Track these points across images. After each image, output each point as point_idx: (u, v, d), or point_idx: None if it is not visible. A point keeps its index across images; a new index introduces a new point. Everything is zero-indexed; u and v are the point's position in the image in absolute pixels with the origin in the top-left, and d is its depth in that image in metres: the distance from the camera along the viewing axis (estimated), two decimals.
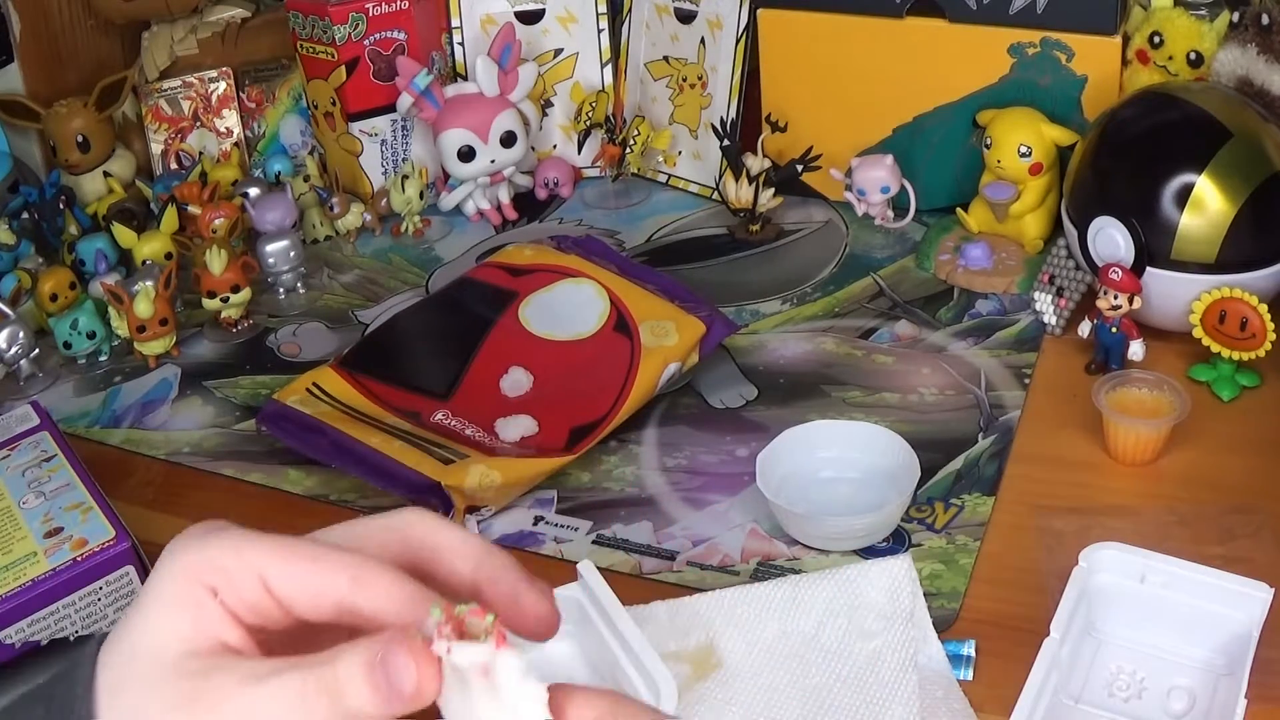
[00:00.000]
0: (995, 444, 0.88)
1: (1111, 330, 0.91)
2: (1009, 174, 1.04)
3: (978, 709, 0.68)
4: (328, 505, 0.89)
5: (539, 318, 0.99)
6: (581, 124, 1.25)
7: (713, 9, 1.18)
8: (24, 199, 1.17)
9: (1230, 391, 0.89)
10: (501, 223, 1.22)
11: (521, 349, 0.96)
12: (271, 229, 1.13)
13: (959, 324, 1.00)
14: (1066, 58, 1.04)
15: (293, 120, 1.30)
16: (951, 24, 1.07)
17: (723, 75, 1.18)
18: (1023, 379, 0.93)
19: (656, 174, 1.25)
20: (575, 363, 0.95)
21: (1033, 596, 0.74)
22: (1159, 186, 0.89)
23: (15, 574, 0.73)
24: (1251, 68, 0.96)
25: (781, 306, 1.05)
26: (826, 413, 0.91)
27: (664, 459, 0.89)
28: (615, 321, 0.97)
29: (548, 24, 1.25)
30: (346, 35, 1.18)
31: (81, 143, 1.20)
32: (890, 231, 1.12)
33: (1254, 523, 0.78)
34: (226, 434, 0.97)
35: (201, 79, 1.26)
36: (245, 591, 0.40)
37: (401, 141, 1.23)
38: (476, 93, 1.18)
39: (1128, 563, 0.70)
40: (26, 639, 0.72)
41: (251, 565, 0.40)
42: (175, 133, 1.27)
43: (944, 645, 0.71)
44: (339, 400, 0.93)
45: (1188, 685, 0.68)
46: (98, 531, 0.76)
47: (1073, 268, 0.97)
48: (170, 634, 0.40)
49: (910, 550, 0.79)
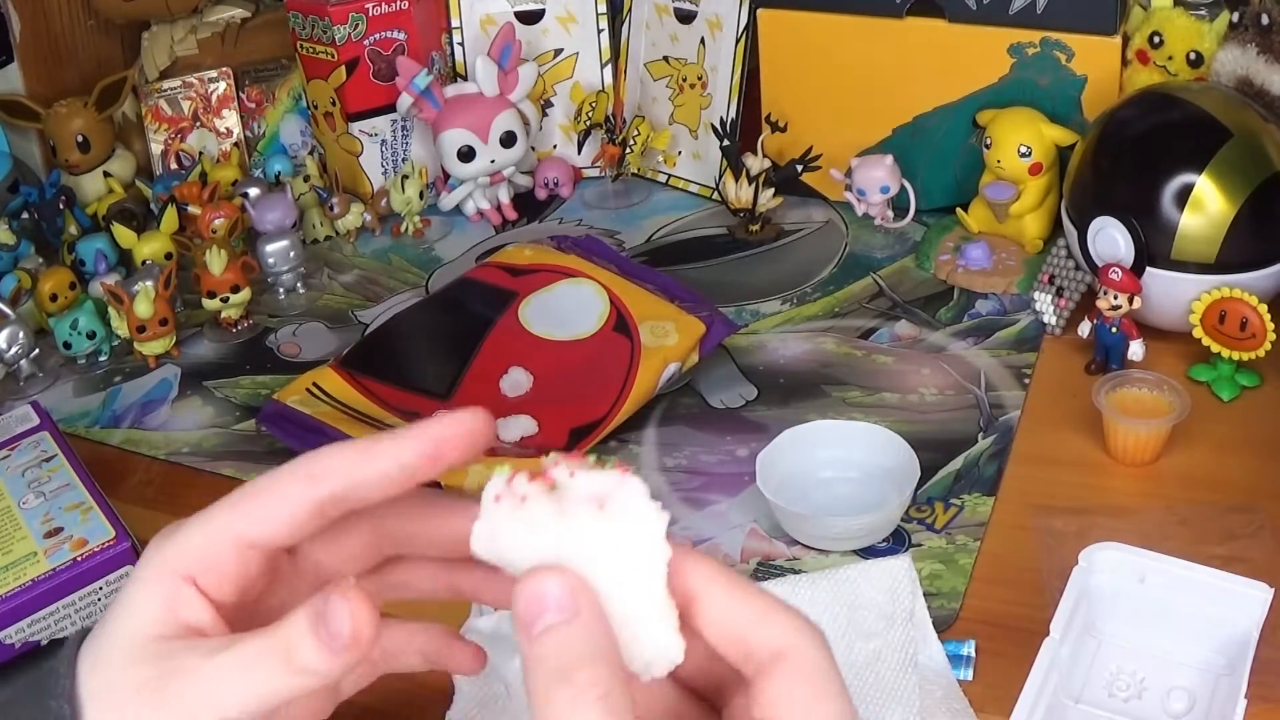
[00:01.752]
0: (995, 444, 0.88)
1: (1111, 330, 0.91)
2: (1009, 174, 1.04)
3: (978, 709, 0.68)
4: None
5: (539, 318, 0.99)
6: (581, 124, 1.25)
7: (713, 9, 1.18)
8: (24, 199, 1.18)
9: (1230, 391, 0.89)
10: (501, 223, 1.22)
11: (521, 349, 0.96)
12: (271, 229, 1.13)
13: (959, 324, 1.00)
14: (1066, 58, 1.04)
15: (293, 120, 1.30)
16: (951, 24, 1.07)
17: (723, 75, 1.18)
18: (1023, 379, 0.93)
19: (656, 174, 1.25)
20: (575, 363, 0.95)
21: (1033, 596, 0.74)
22: (1159, 186, 0.89)
23: (15, 574, 0.73)
24: (1251, 68, 0.96)
25: (781, 306, 1.05)
26: (826, 413, 0.91)
27: (664, 459, 0.89)
28: (615, 321, 0.97)
29: (548, 24, 1.25)
30: (346, 35, 1.18)
31: (81, 143, 1.20)
32: (890, 231, 1.12)
33: (1254, 523, 0.78)
34: (226, 434, 0.97)
35: (201, 79, 1.26)
36: (224, 562, 0.42)
37: (401, 141, 1.23)
38: (476, 93, 1.18)
39: (1128, 563, 0.70)
40: (26, 639, 0.72)
41: (222, 531, 0.43)
42: (175, 133, 1.27)
43: (944, 645, 0.71)
44: (339, 400, 0.93)
45: (1188, 685, 0.68)
46: (98, 531, 0.76)
47: (1073, 268, 0.97)
48: (145, 620, 0.42)
49: (910, 550, 0.79)
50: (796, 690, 0.36)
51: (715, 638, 0.37)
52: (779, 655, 0.36)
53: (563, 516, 0.36)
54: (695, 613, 0.37)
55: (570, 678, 0.34)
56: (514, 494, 0.37)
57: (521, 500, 0.37)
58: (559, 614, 0.35)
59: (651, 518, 0.36)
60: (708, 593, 0.37)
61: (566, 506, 0.36)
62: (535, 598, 0.35)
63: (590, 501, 0.36)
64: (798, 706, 0.36)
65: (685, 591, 0.37)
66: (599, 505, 0.36)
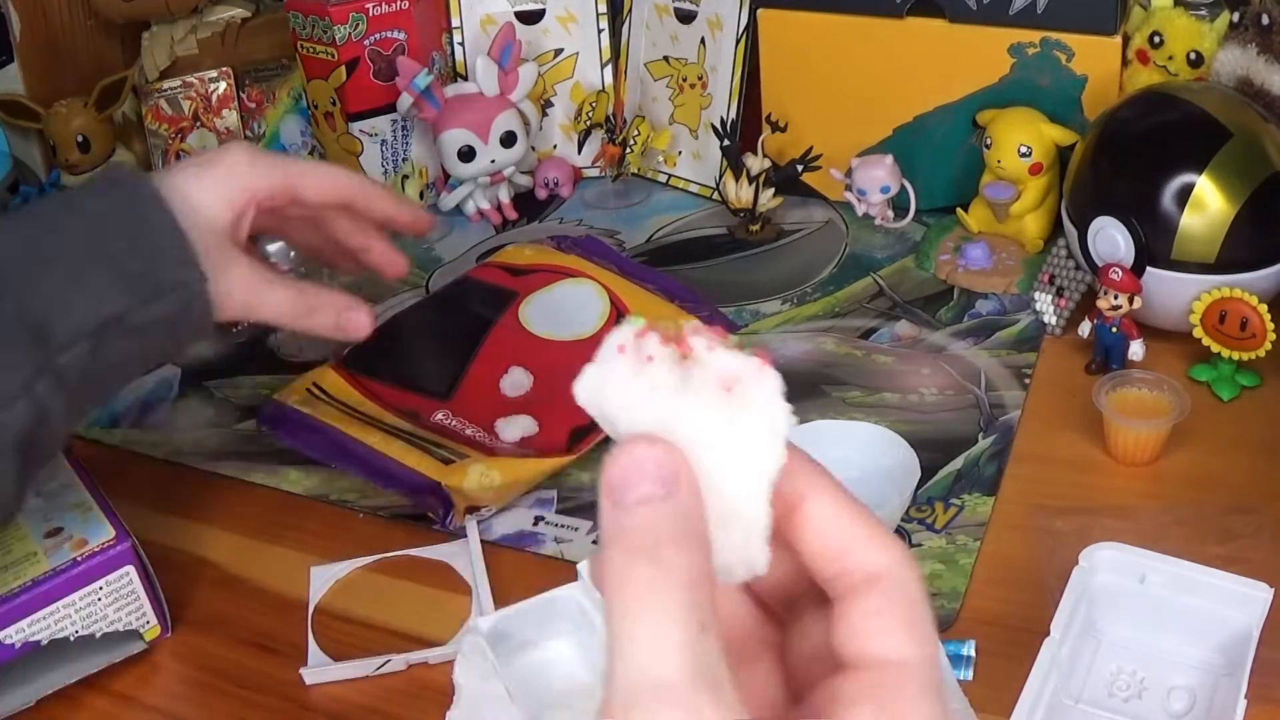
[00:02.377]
0: (995, 444, 0.88)
1: (1111, 330, 0.91)
2: (1009, 174, 1.04)
3: (978, 709, 0.68)
4: (328, 505, 0.89)
5: (539, 318, 0.99)
6: (581, 124, 1.25)
7: (713, 9, 1.18)
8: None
9: (1230, 391, 0.89)
10: (501, 223, 1.22)
11: (522, 349, 0.96)
12: None
13: (959, 324, 1.00)
14: (1066, 58, 1.04)
15: (293, 120, 1.30)
16: (951, 24, 1.07)
17: (723, 75, 1.18)
18: (1023, 379, 0.93)
19: (656, 174, 1.25)
20: (576, 363, 0.94)
21: (1033, 596, 0.74)
22: (1159, 186, 0.89)
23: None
24: (1251, 68, 0.96)
25: (781, 306, 1.05)
26: (826, 413, 0.91)
27: None
28: (615, 321, 0.97)
29: (548, 24, 1.25)
30: (346, 35, 1.18)
31: (81, 143, 1.20)
32: (890, 231, 1.12)
33: (1254, 523, 0.78)
34: (226, 434, 0.97)
35: (201, 79, 1.26)
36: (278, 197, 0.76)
37: (401, 141, 1.23)
38: (476, 93, 1.18)
39: (1128, 563, 0.70)
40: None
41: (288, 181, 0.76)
42: (175, 133, 1.27)
43: (944, 645, 0.71)
44: (339, 400, 0.93)
45: (1188, 685, 0.68)
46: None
47: (1073, 268, 0.97)
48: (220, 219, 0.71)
49: (910, 550, 0.79)
50: (889, 616, 0.34)
51: (812, 551, 0.35)
52: (875, 579, 0.34)
53: (685, 390, 0.33)
54: (796, 521, 0.35)
55: (657, 555, 0.31)
56: (640, 350, 0.34)
57: (647, 360, 0.34)
58: (658, 487, 0.32)
59: (780, 416, 0.33)
60: (816, 502, 0.35)
61: (693, 380, 0.33)
62: (635, 464, 0.32)
63: (719, 382, 0.33)
64: (887, 633, 0.33)
65: (791, 495, 0.35)
66: (727, 388, 0.33)
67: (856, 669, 0.33)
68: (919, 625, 0.34)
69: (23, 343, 0.64)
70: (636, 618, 0.31)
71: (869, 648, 0.33)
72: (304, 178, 0.77)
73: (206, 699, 0.75)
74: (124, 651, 0.76)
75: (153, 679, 0.76)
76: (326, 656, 0.76)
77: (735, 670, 0.33)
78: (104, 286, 0.65)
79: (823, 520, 0.35)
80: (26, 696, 0.74)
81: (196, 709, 0.75)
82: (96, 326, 0.65)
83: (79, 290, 0.65)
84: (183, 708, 0.75)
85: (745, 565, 0.34)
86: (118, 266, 0.66)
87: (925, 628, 0.34)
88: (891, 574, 0.34)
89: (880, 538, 0.35)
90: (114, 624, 0.75)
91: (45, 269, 0.65)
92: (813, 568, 0.35)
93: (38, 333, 0.64)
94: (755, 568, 0.34)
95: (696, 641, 0.30)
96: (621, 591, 0.31)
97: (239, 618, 0.80)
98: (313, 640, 0.77)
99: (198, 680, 0.76)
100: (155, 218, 0.67)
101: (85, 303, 0.65)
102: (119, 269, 0.66)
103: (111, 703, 0.75)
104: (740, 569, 0.34)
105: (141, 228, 0.66)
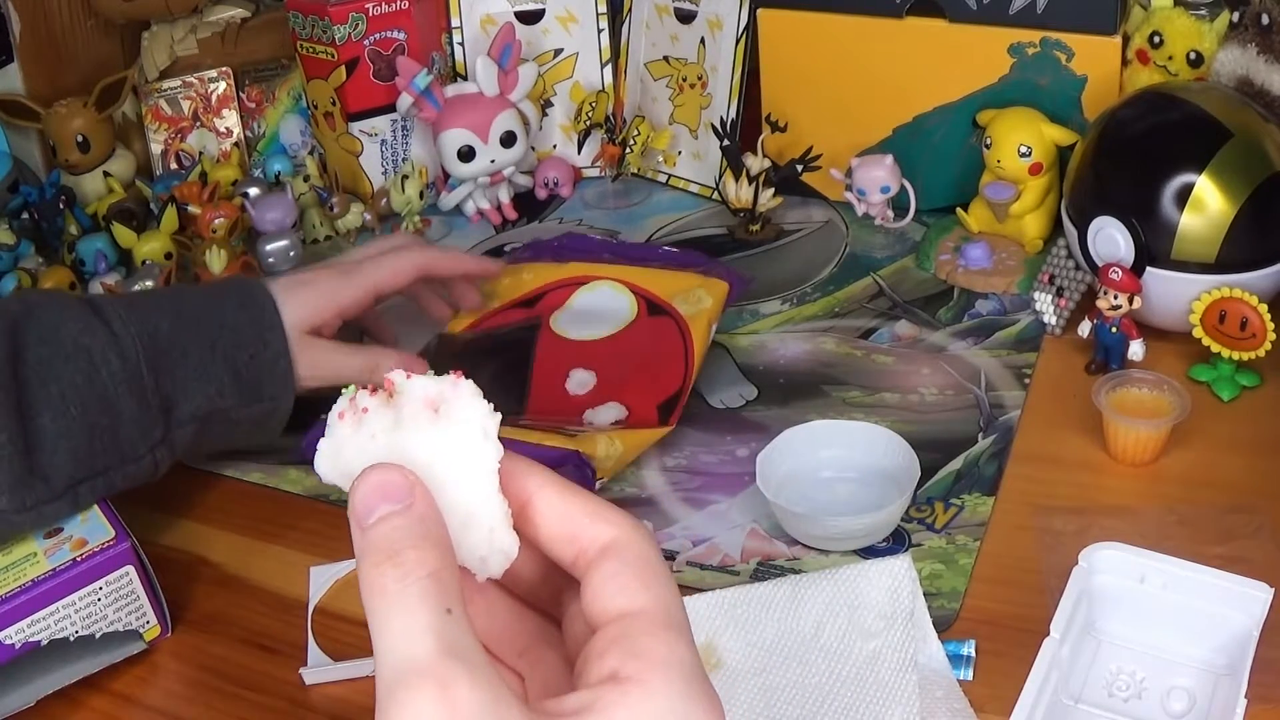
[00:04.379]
0: (995, 444, 0.88)
1: (1111, 330, 0.91)
2: (1009, 174, 1.04)
3: (978, 709, 0.68)
4: (328, 505, 0.89)
5: (573, 327, 0.97)
6: (581, 124, 1.25)
7: (713, 9, 1.18)
8: (24, 199, 1.18)
9: (1230, 391, 0.89)
10: (501, 223, 1.22)
11: (572, 355, 0.95)
12: (271, 229, 1.13)
13: (959, 324, 1.00)
14: (1066, 58, 1.04)
15: (293, 120, 1.30)
16: (951, 24, 1.07)
17: (723, 75, 1.18)
18: (1023, 379, 0.93)
19: (656, 174, 1.25)
20: (627, 350, 0.94)
21: (1033, 596, 0.74)
22: (1159, 186, 0.89)
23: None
24: (1251, 68, 0.96)
25: (781, 306, 1.05)
26: (826, 413, 0.91)
27: (664, 459, 0.89)
28: (646, 309, 0.97)
29: (548, 24, 1.25)
30: (346, 35, 1.18)
31: (81, 143, 1.20)
32: (890, 231, 1.13)
33: (1254, 523, 0.78)
34: None
35: (201, 79, 1.26)
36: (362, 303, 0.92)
37: (401, 141, 1.24)
38: (476, 93, 1.18)
39: (1128, 563, 0.70)
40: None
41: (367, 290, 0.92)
42: (175, 133, 1.27)
43: (944, 645, 0.71)
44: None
45: (1188, 685, 0.68)
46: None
47: (1073, 268, 0.97)
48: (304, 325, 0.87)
49: (910, 550, 0.79)
50: (622, 576, 0.38)
51: (548, 538, 0.39)
52: (607, 548, 0.38)
53: (401, 424, 0.38)
54: (530, 517, 0.39)
55: (398, 558, 0.35)
56: (355, 409, 0.38)
57: (363, 413, 0.38)
58: (395, 503, 0.36)
59: (482, 416, 0.38)
60: (541, 495, 0.39)
61: (404, 413, 0.38)
62: (372, 489, 0.36)
63: (426, 406, 0.38)
64: (624, 592, 0.37)
65: (519, 494, 0.39)
66: (434, 409, 0.37)
67: (604, 625, 0.37)
68: (652, 577, 0.38)
69: (157, 413, 0.80)
70: (388, 612, 0.35)
71: (611, 605, 0.37)
72: (381, 280, 0.93)
73: (206, 699, 0.75)
74: (124, 651, 0.76)
75: (153, 679, 0.77)
76: (326, 656, 0.76)
77: (520, 663, 0.41)
78: (223, 386, 0.83)
79: (551, 510, 0.39)
80: (27, 696, 0.74)
81: (196, 709, 0.75)
82: (207, 414, 0.82)
83: (203, 383, 0.82)
84: (183, 708, 0.75)
85: (498, 554, 0.38)
86: (235, 372, 0.83)
87: (659, 579, 0.38)
88: (619, 540, 0.38)
89: (605, 512, 0.39)
90: (114, 624, 0.75)
91: (183, 359, 0.82)
92: (555, 556, 0.39)
93: (166, 407, 0.81)
94: (508, 553, 0.38)
95: (442, 623, 0.34)
96: (373, 596, 0.35)
97: (239, 618, 0.80)
98: (312, 640, 0.77)
99: (197, 680, 0.76)
100: (273, 342, 0.85)
101: (205, 394, 0.82)
102: (236, 374, 0.83)
103: (111, 703, 0.75)
104: (495, 559, 0.38)
105: (261, 348, 0.84)
